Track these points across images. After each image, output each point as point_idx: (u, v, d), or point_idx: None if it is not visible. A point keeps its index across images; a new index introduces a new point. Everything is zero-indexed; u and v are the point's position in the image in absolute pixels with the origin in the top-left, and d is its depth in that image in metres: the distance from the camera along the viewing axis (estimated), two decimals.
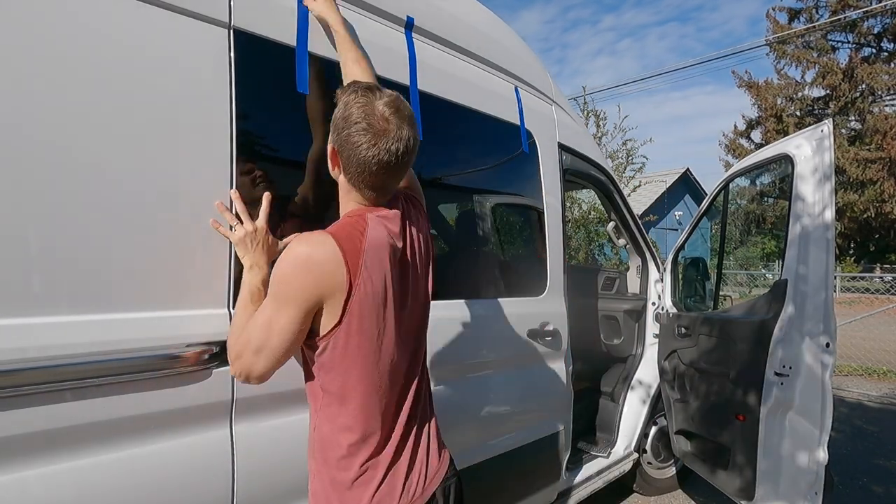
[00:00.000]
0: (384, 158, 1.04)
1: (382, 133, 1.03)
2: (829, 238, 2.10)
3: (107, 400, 1.08)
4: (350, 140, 1.04)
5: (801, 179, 2.23)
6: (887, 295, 10.67)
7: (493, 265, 2.34)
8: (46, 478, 1.02)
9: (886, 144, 19.76)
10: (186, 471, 1.21)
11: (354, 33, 1.52)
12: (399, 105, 1.06)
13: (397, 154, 1.05)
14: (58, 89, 1.04)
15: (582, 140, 2.87)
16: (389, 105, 1.05)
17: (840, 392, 6.13)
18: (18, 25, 1.00)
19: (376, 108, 1.04)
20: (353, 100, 1.05)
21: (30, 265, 1.01)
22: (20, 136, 1.00)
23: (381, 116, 1.03)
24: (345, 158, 1.07)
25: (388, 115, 1.04)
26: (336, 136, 1.08)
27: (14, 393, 0.97)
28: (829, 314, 2.09)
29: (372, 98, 1.05)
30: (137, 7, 1.15)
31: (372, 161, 1.03)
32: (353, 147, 1.04)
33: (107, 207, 1.10)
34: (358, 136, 1.03)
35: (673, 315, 3.05)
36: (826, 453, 2.05)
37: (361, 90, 1.07)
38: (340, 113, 1.07)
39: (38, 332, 1.00)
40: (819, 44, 21.91)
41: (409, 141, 1.06)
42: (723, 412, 2.52)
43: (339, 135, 1.06)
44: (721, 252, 3.53)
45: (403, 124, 1.05)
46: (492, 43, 2.23)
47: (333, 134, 1.09)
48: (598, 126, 9.65)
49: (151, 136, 1.16)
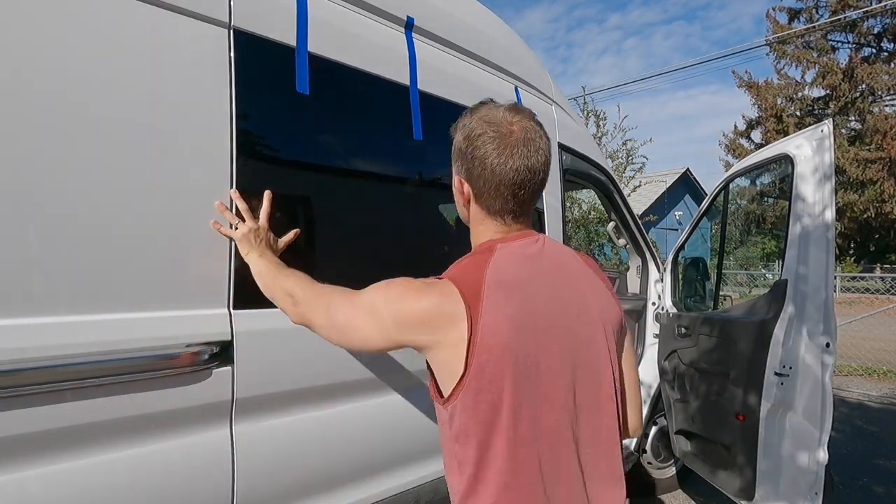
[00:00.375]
0: (519, 165, 0.92)
1: (510, 136, 0.93)
2: (829, 238, 2.10)
3: (107, 400, 1.08)
4: (477, 154, 0.94)
5: (801, 179, 2.23)
6: (887, 295, 10.67)
7: None
8: (46, 477, 1.02)
9: (886, 144, 19.76)
10: (186, 471, 1.21)
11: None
12: (521, 108, 0.98)
13: (529, 159, 0.93)
14: (57, 89, 1.04)
15: (582, 140, 2.87)
16: (511, 110, 0.96)
17: (840, 392, 6.13)
18: (18, 25, 1.00)
19: (498, 114, 0.95)
20: (471, 118, 0.98)
21: (30, 265, 1.00)
22: (20, 135, 1.00)
23: (506, 121, 0.94)
24: (475, 179, 0.96)
25: (512, 119, 0.94)
26: (461, 162, 0.98)
27: (14, 393, 0.97)
28: (830, 314, 2.09)
29: (490, 107, 0.97)
30: (137, 7, 1.15)
31: (508, 169, 0.92)
32: (483, 160, 0.93)
33: (106, 207, 1.10)
34: (485, 146, 0.93)
35: (673, 315, 3.05)
36: (826, 453, 2.05)
37: (474, 108, 1.00)
38: (460, 135, 0.98)
39: (39, 332, 1.00)
40: (819, 44, 21.92)
41: (540, 143, 0.95)
42: (723, 412, 2.52)
43: (463, 158, 0.97)
44: (721, 252, 3.53)
45: (531, 124, 0.96)
46: (492, 43, 2.23)
47: (457, 163, 1.00)
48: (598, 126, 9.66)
49: (151, 136, 1.16)
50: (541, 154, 0.95)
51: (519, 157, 0.92)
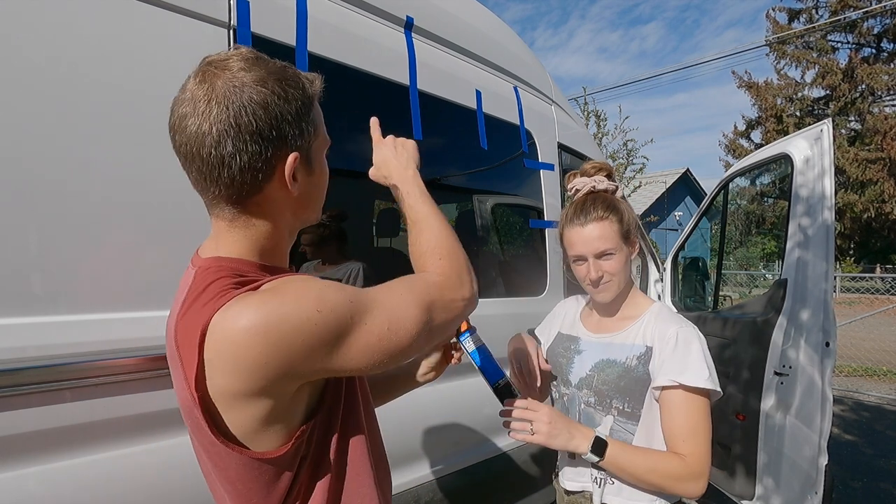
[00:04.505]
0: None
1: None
2: (829, 238, 2.10)
3: (107, 400, 1.08)
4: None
5: (800, 179, 2.24)
6: (887, 295, 10.66)
7: (493, 265, 2.34)
8: (46, 475, 1.02)
9: (886, 145, 19.78)
10: (187, 470, 1.21)
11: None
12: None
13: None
14: (57, 89, 1.04)
15: (582, 140, 2.87)
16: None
17: (840, 392, 6.13)
18: (18, 25, 1.00)
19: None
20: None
21: (30, 265, 1.01)
22: (20, 135, 1.00)
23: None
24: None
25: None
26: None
27: (14, 393, 0.98)
28: (829, 314, 2.09)
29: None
30: (137, 7, 1.15)
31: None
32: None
33: (106, 207, 1.10)
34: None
35: None
36: (826, 453, 2.06)
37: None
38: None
39: (39, 332, 1.00)
40: (819, 44, 21.93)
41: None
42: (723, 412, 2.52)
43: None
44: (721, 252, 3.53)
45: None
46: (491, 43, 2.23)
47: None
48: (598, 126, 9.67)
49: (151, 136, 1.16)
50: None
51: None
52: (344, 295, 0.70)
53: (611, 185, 1.31)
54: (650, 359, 1.22)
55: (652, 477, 1.15)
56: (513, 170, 2.32)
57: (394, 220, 2.31)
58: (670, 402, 1.17)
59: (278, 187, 0.73)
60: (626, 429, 1.24)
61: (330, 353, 0.68)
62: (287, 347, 0.64)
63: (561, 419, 1.18)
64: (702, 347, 1.20)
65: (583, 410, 1.31)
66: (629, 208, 1.30)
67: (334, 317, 0.67)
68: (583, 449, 1.16)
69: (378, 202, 2.40)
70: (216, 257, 0.75)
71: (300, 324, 0.64)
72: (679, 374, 1.15)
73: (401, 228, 2.36)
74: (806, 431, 2.12)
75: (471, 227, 2.27)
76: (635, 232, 1.28)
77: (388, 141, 1.02)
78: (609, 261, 1.25)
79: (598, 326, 1.37)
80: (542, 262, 2.38)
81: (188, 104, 0.69)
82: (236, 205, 0.72)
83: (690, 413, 1.15)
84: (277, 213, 0.76)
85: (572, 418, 1.30)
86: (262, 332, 0.63)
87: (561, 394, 1.40)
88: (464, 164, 2.12)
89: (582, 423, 1.28)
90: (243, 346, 0.63)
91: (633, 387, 1.22)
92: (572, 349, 1.38)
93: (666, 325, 1.23)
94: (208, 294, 0.68)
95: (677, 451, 1.15)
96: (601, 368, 1.28)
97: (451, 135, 2.02)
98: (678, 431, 1.16)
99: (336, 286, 0.72)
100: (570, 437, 1.16)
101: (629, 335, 1.28)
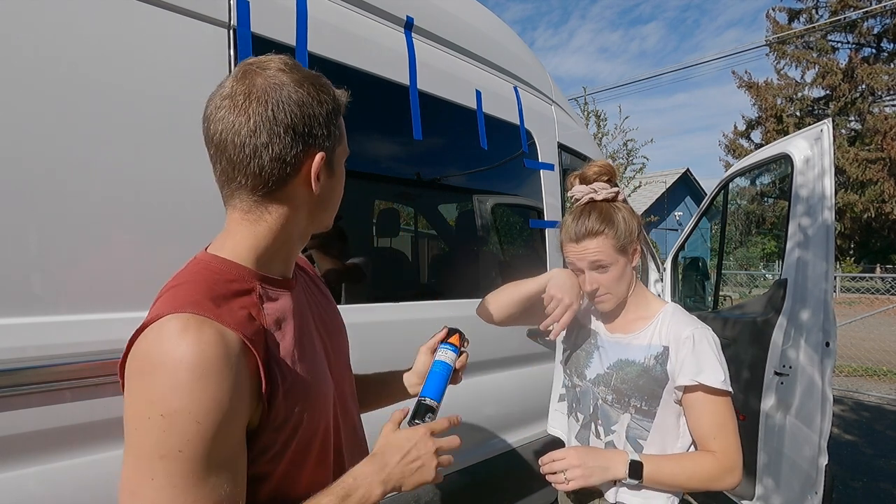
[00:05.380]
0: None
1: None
2: (829, 238, 2.10)
3: (107, 400, 1.08)
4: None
5: (800, 179, 2.24)
6: (887, 295, 10.66)
7: (494, 265, 2.34)
8: (46, 475, 1.02)
9: (886, 145, 19.78)
10: None
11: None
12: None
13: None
14: (57, 89, 1.04)
15: (582, 140, 2.87)
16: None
17: (840, 392, 6.13)
18: (18, 25, 1.00)
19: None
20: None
21: (30, 265, 1.01)
22: (20, 135, 1.00)
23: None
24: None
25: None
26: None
27: (14, 393, 0.98)
28: (829, 314, 2.09)
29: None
30: (137, 7, 1.15)
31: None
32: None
33: (106, 207, 1.10)
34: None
35: None
36: (826, 453, 2.05)
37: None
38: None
39: (39, 332, 1.00)
40: (819, 44, 21.93)
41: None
42: None
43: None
44: (721, 252, 3.53)
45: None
46: (491, 43, 2.23)
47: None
48: (598, 126, 9.67)
49: (151, 136, 1.16)
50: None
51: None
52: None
53: (610, 193, 1.30)
54: (667, 359, 1.25)
55: (692, 483, 1.21)
56: (513, 170, 2.32)
57: (394, 220, 2.31)
58: (695, 403, 1.22)
59: (301, 184, 0.75)
60: (642, 426, 1.28)
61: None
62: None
63: (590, 456, 1.22)
64: (718, 349, 1.24)
65: (599, 406, 1.33)
66: (628, 215, 1.28)
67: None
68: (621, 475, 1.19)
69: (378, 202, 2.40)
70: (212, 255, 0.77)
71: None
72: (698, 374, 1.19)
73: (401, 228, 2.36)
74: (806, 431, 2.12)
75: (471, 227, 2.27)
76: (635, 240, 1.28)
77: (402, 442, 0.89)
78: (604, 274, 1.26)
79: (613, 325, 1.39)
80: (542, 263, 2.38)
81: (226, 97, 0.72)
82: (257, 196, 0.74)
83: (716, 411, 1.21)
84: (292, 213, 0.77)
85: (585, 411, 1.35)
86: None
87: (573, 384, 1.41)
88: (464, 164, 2.12)
89: (599, 418, 1.32)
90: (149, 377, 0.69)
91: (652, 386, 1.26)
92: (592, 343, 1.39)
93: (682, 326, 1.26)
94: (163, 300, 0.72)
95: (708, 448, 1.21)
96: (620, 367, 1.31)
97: (452, 135, 2.02)
98: (707, 431, 1.21)
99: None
100: (606, 470, 1.20)
101: (645, 336, 1.30)
